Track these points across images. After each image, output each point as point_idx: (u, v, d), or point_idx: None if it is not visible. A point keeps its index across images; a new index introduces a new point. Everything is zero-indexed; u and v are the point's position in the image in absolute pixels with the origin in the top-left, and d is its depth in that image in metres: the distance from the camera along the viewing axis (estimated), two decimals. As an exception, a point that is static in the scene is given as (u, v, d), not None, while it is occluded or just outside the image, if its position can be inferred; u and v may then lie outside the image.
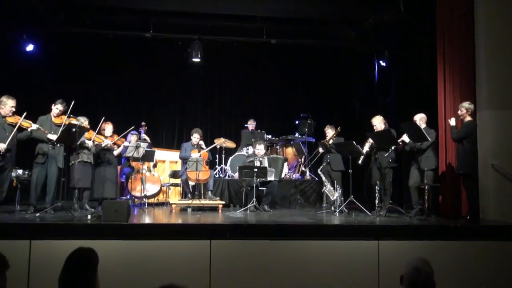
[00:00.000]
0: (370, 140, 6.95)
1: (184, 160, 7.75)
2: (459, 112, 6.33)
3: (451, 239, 5.14)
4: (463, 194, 6.48)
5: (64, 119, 6.31)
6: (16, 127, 5.91)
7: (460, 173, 6.21)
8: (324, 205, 7.58)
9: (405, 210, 6.60)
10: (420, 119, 6.60)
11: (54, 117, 6.48)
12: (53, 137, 6.21)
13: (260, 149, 7.90)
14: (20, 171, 7.08)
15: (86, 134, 6.63)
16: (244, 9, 9.19)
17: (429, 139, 6.31)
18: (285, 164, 8.78)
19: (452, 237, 5.18)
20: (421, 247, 4.99)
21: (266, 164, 7.65)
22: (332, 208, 7.11)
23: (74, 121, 6.34)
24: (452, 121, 6.27)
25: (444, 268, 4.40)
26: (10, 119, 5.90)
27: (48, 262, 4.35)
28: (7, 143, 5.77)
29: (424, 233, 5.28)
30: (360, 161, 7.01)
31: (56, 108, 6.50)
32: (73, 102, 6.29)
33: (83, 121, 6.65)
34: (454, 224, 5.66)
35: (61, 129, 6.14)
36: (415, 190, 6.53)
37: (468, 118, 6.24)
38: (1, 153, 5.75)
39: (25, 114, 5.98)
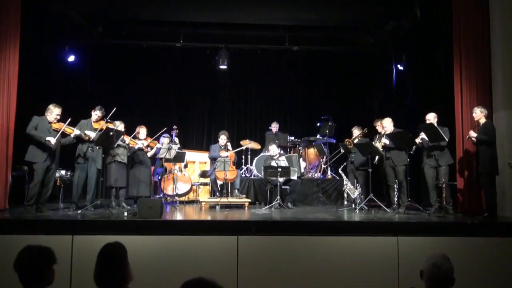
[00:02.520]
0: (383, 141, 6.84)
1: (213, 160, 7.80)
2: (474, 114, 6.19)
3: (469, 236, 5.00)
4: (481, 191, 6.30)
5: (102, 124, 6.44)
6: (59, 132, 6.05)
7: (481, 172, 6.03)
8: (345, 203, 7.50)
9: (423, 207, 6.46)
10: (433, 117, 6.46)
11: (94, 122, 6.61)
12: (90, 133, 6.33)
13: (272, 149, 7.86)
14: (63, 172, 7.26)
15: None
16: (267, 19, 9.18)
17: (446, 138, 6.17)
18: (300, 159, 8.73)
19: (470, 233, 5.04)
20: (439, 243, 4.87)
21: (283, 163, 7.62)
22: (353, 206, 7.03)
23: (111, 126, 6.45)
24: (473, 133, 6.09)
25: (462, 264, 4.27)
26: (55, 125, 6.04)
27: (89, 255, 4.37)
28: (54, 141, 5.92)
29: (442, 230, 5.15)
30: (376, 161, 6.93)
31: (95, 114, 6.62)
32: (114, 109, 6.40)
33: (119, 125, 6.78)
34: (471, 220, 5.50)
35: (99, 133, 6.27)
36: (433, 188, 6.39)
37: (484, 120, 6.09)
38: (51, 146, 5.87)
39: (68, 121, 6.11)
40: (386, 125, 6.97)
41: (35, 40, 7.70)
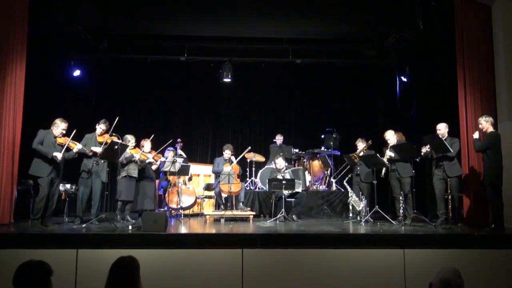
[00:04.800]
0: (388, 154, 6.81)
1: (217, 173, 7.80)
2: (480, 126, 6.16)
3: (475, 248, 4.95)
4: (487, 202, 6.25)
5: (107, 137, 6.48)
6: (65, 147, 6.09)
7: (487, 183, 5.99)
8: (350, 215, 7.46)
9: (429, 219, 6.41)
10: (444, 127, 6.45)
11: (98, 135, 6.65)
12: (97, 149, 6.38)
13: (279, 162, 7.85)
14: (68, 185, 7.26)
15: (133, 151, 6.78)
16: (270, 32, 9.25)
17: (451, 149, 6.13)
18: (306, 172, 8.71)
19: (477, 245, 4.99)
20: (446, 255, 4.83)
21: (288, 176, 7.59)
22: (358, 218, 6.99)
23: (115, 139, 6.48)
24: (476, 134, 6.10)
25: (468, 277, 4.23)
26: (60, 140, 6.08)
27: (93, 269, 4.44)
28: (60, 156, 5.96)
29: (448, 242, 5.10)
30: (382, 174, 6.89)
31: (100, 127, 6.67)
32: (117, 119, 6.43)
33: (130, 139, 6.83)
34: (478, 232, 5.45)
35: (103, 146, 6.31)
36: (441, 200, 6.34)
37: (491, 129, 6.07)
38: (58, 161, 5.93)
39: (72, 134, 6.15)
40: (389, 137, 6.95)
41: (41, 55, 7.79)
